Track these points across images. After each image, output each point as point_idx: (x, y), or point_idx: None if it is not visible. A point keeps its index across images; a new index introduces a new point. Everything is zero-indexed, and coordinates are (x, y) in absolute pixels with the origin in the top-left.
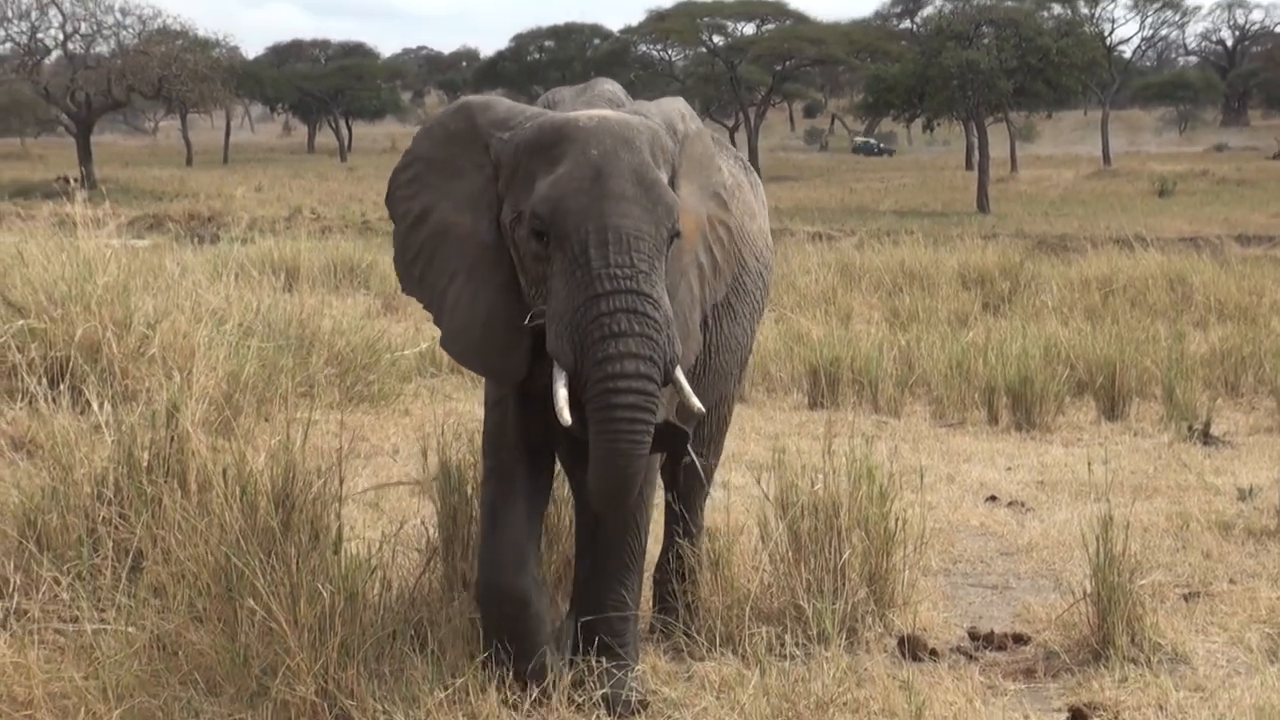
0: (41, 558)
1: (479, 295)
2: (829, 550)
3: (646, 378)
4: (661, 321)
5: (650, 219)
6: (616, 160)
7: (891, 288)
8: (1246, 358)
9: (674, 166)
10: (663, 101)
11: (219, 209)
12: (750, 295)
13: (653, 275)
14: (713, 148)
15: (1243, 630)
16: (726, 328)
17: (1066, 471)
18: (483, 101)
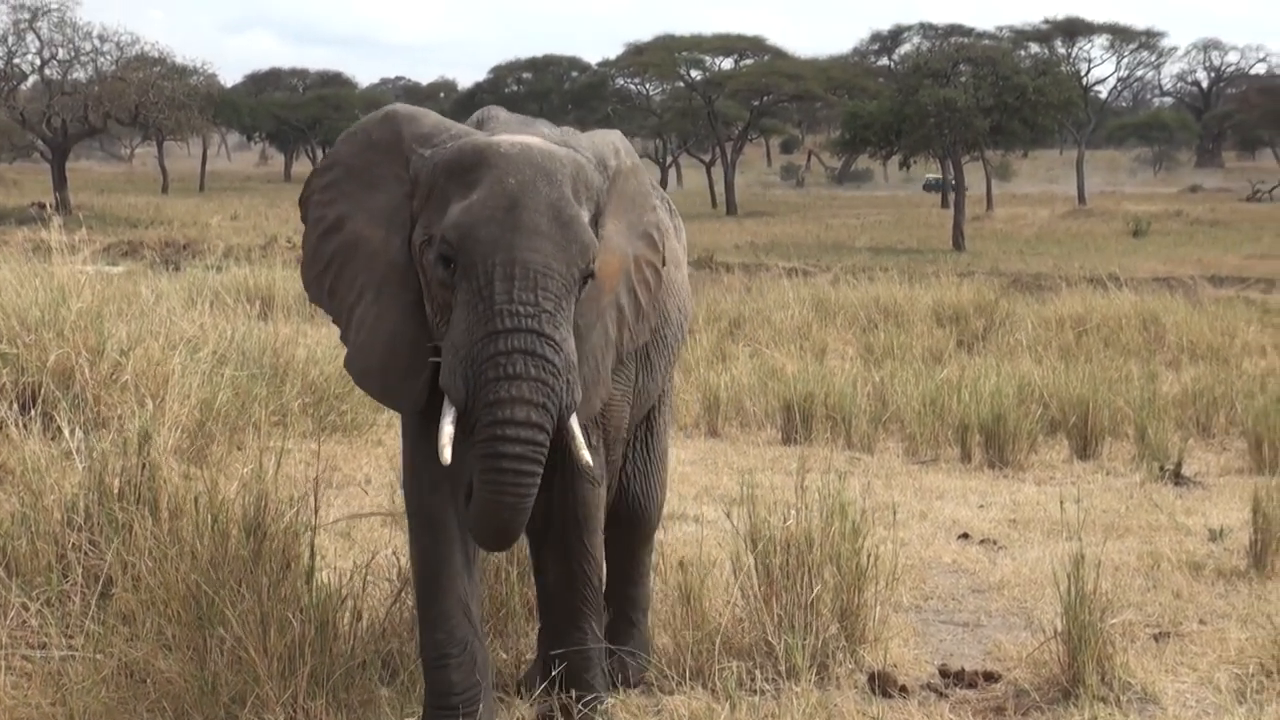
0: (10, 583)
1: (383, 316)
2: (800, 585)
3: (537, 426)
4: (560, 366)
5: (562, 257)
6: (534, 192)
7: (866, 324)
8: (1218, 398)
9: (599, 203)
10: (598, 133)
11: (194, 237)
12: (669, 348)
13: (558, 316)
14: (648, 185)
15: (1212, 671)
16: (642, 381)
17: (1039, 510)
18: (409, 113)
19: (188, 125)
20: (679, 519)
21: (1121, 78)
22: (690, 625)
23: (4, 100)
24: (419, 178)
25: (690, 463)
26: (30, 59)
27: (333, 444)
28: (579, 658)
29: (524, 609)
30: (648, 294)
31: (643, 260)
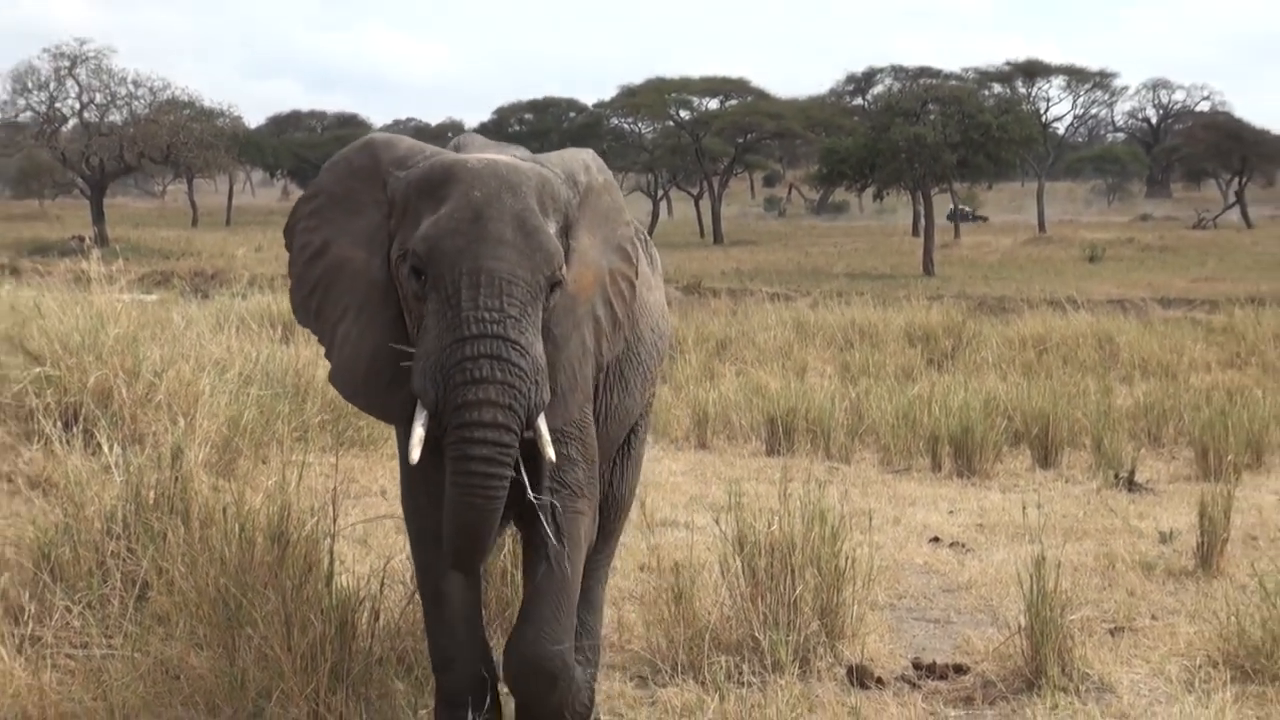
0: (54, 588)
1: (366, 332)
2: (783, 586)
3: (504, 428)
4: (528, 369)
5: (527, 264)
6: (499, 204)
7: (843, 344)
8: (1167, 411)
9: (568, 216)
10: (569, 151)
11: (222, 267)
12: (643, 366)
13: (523, 321)
14: (622, 202)
15: (1163, 662)
16: (618, 397)
17: (1003, 515)
18: (386, 139)
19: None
20: (671, 525)
21: (1077, 115)
22: (682, 623)
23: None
24: (395, 198)
25: (681, 473)
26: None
27: (350, 457)
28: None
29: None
30: (623, 305)
31: (618, 273)
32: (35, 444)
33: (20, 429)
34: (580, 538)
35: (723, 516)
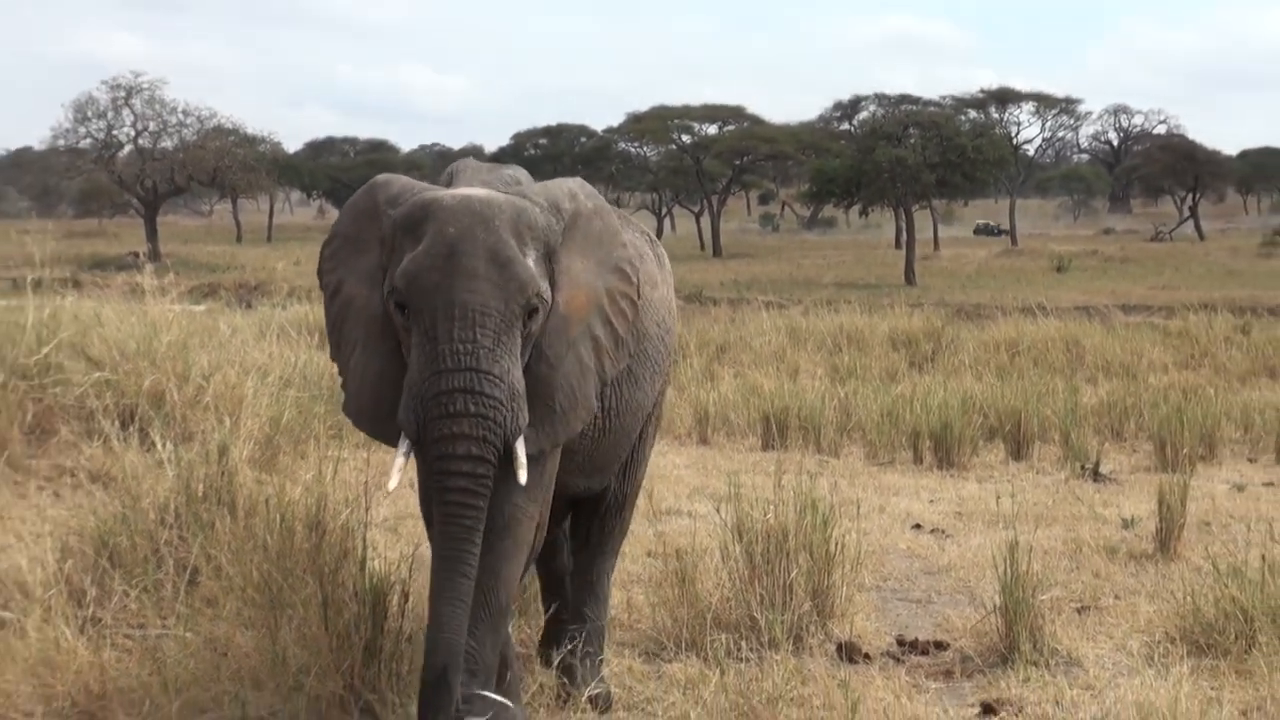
0: (113, 573)
1: (370, 363)
2: (778, 569)
3: (479, 459)
4: (501, 398)
5: (500, 295)
6: (472, 239)
7: (832, 348)
8: (1129, 408)
9: (549, 242)
10: (555, 181)
11: (263, 279)
12: (651, 360)
13: (497, 350)
14: (616, 224)
15: (1126, 638)
16: (627, 392)
17: (980, 504)
18: (385, 180)
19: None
20: (675, 514)
21: (1045, 138)
22: (685, 604)
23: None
24: (385, 236)
25: (684, 466)
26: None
27: (382, 452)
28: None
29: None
30: (625, 323)
31: (616, 292)
32: (95, 442)
33: (82, 428)
34: (527, 535)
35: (723, 506)
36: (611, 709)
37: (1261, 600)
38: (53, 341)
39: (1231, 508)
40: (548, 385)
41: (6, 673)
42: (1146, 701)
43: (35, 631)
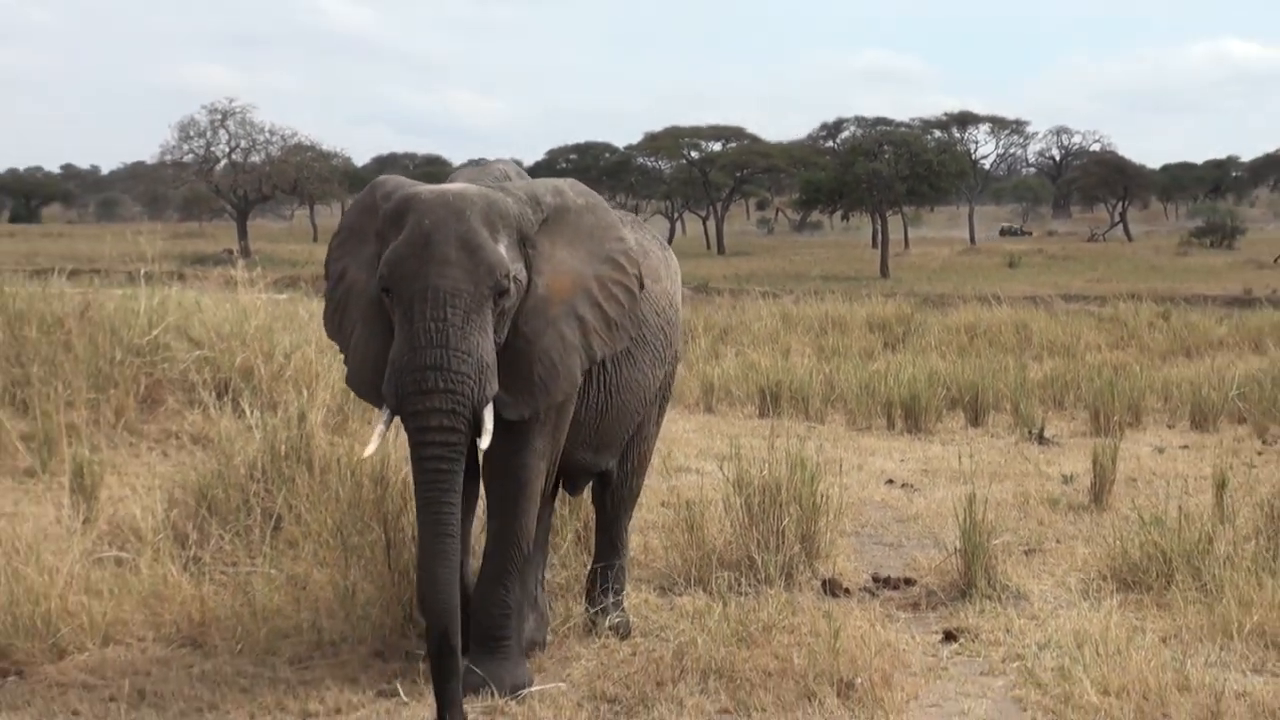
0: (211, 520)
1: (369, 341)
2: (772, 518)
3: (450, 429)
4: (469, 372)
5: (470, 278)
6: (444, 229)
7: (819, 331)
8: (1069, 382)
9: (522, 230)
10: (541, 180)
11: None
12: (650, 345)
13: (467, 328)
14: (612, 221)
15: (1065, 576)
16: (626, 372)
17: (943, 462)
18: (383, 179)
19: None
20: (685, 471)
21: (999, 154)
22: (693, 547)
23: (204, 177)
24: (379, 228)
25: (692, 431)
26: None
27: None
28: (498, 615)
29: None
30: (619, 308)
31: (608, 279)
32: (196, 409)
33: (185, 398)
34: (536, 488)
35: (725, 464)
36: (630, 636)
37: (1178, 545)
38: (161, 325)
39: (1154, 467)
40: (526, 358)
41: (124, 603)
42: (1082, 630)
43: (146, 569)
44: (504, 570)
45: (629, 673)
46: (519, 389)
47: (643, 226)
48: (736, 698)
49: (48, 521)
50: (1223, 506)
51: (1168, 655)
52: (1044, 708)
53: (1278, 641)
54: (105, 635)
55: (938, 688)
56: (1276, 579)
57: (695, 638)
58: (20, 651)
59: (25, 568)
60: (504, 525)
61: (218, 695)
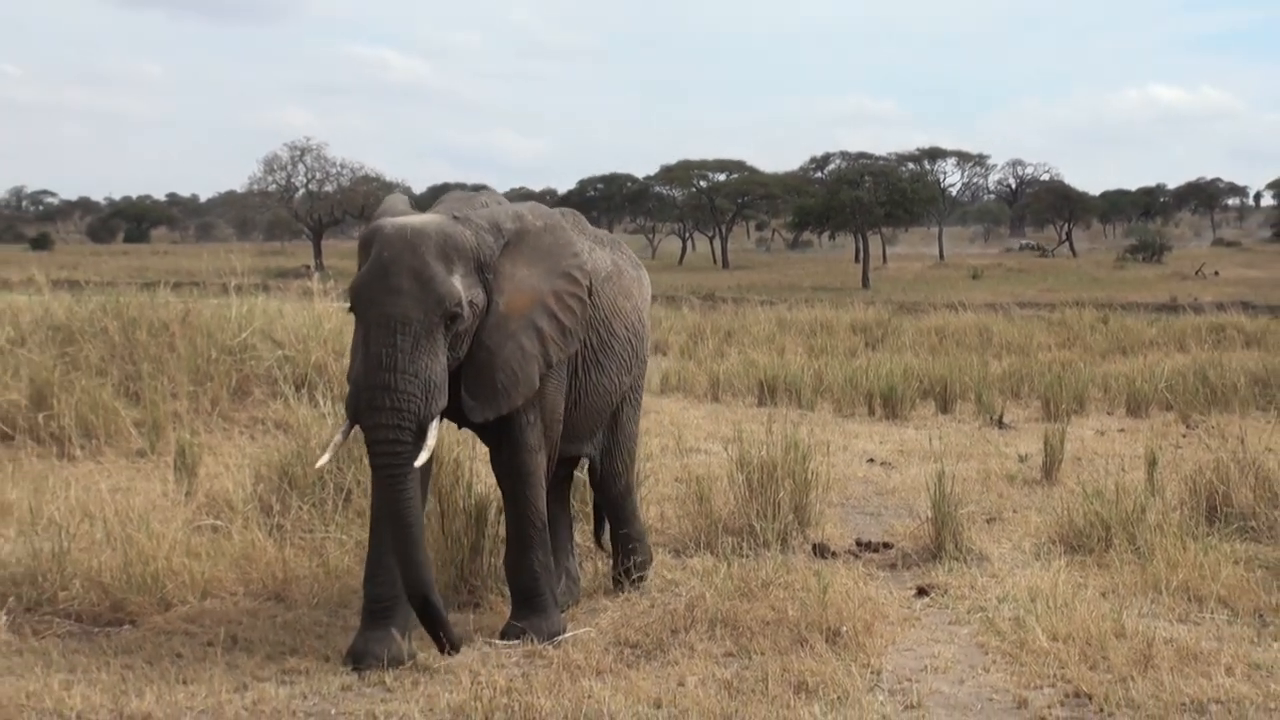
0: (291, 493)
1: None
2: (769, 491)
3: (395, 441)
4: (415, 391)
5: (420, 307)
6: (399, 262)
7: (809, 333)
8: (1024, 376)
9: (479, 258)
10: (507, 205)
11: None
12: (618, 356)
13: (416, 352)
14: (568, 239)
15: (1021, 540)
16: (594, 378)
17: (916, 444)
18: (382, 204)
19: None
20: (695, 451)
21: (964, 183)
22: (702, 516)
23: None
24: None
25: (702, 418)
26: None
27: None
28: (529, 579)
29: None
30: (571, 316)
31: (563, 292)
32: (278, 400)
33: (269, 390)
34: (536, 475)
35: (729, 446)
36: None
37: (1116, 514)
38: (249, 329)
39: (1095, 447)
40: (489, 368)
41: (219, 564)
42: (1034, 586)
43: (238, 535)
44: (525, 543)
45: (648, 622)
46: (484, 395)
47: (620, 247)
48: (739, 643)
49: (155, 495)
50: (1153, 481)
51: (1107, 607)
52: (1002, 651)
53: (1200, 596)
54: (203, 591)
55: (912, 635)
56: (1199, 543)
57: (704, 592)
58: (133, 604)
59: (137, 534)
60: (516, 510)
61: (297, 640)
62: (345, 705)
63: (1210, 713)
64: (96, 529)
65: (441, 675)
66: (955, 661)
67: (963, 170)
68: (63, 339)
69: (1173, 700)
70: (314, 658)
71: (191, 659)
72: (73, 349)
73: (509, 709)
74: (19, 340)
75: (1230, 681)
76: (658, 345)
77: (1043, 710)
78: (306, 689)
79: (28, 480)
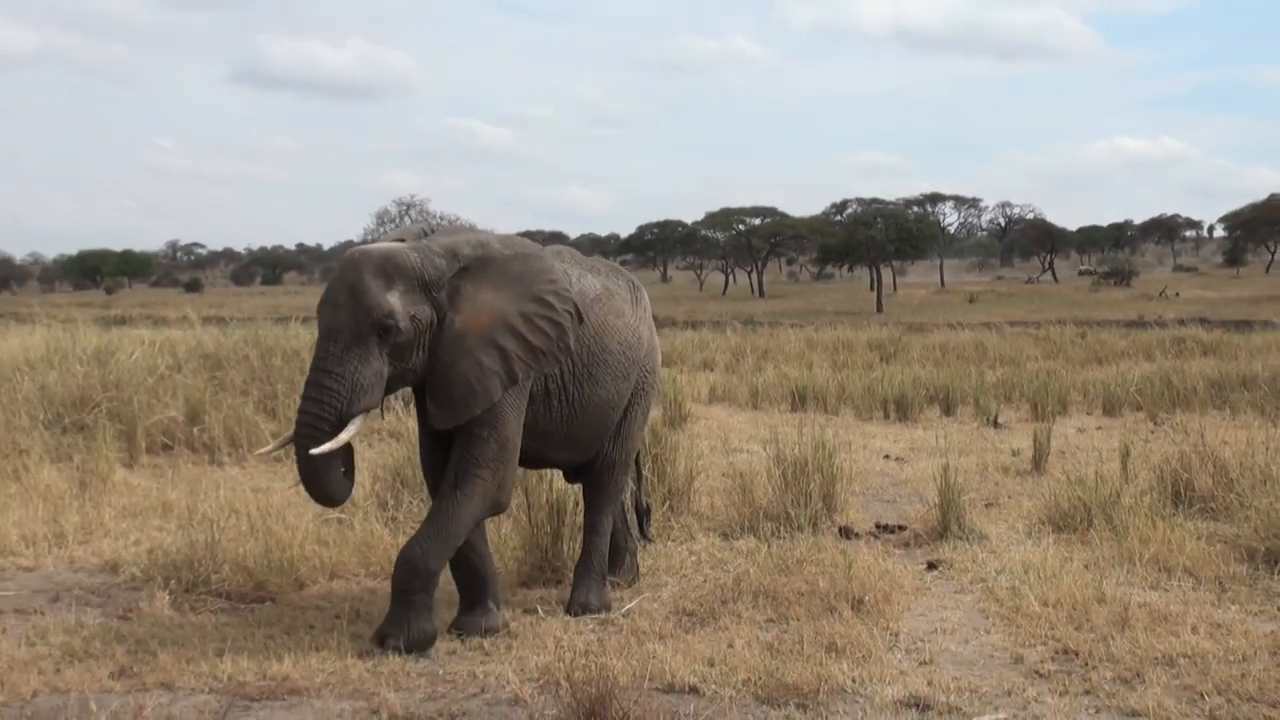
0: (403, 490)
1: None
2: (802, 483)
3: (313, 427)
4: (338, 389)
5: (350, 318)
6: (342, 280)
7: (833, 350)
8: (1015, 383)
9: (425, 278)
10: (475, 235)
11: None
12: (613, 370)
13: (344, 357)
14: (539, 269)
15: (1015, 522)
16: (589, 391)
17: (925, 442)
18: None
19: None
20: (738, 450)
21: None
22: (746, 504)
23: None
24: None
25: (744, 422)
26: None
27: None
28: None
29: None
30: (544, 338)
31: (533, 314)
32: (390, 413)
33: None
34: (474, 493)
35: (767, 446)
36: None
37: (1095, 498)
38: None
39: (1077, 443)
40: (447, 380)
41: (343, 550)
42: (1027, 559)
43: (359, 526)
44: (426, 540)
45: (702, 594)
46: (443, 405)
47: (616, 274)
48: (779, 611)
49: (290, 494)
50: (1127, 470)
51: (1089, 577)
52: (1001, 615)
53: (1168, 566)
54: (331, 573)
55: (923, 602)
56: (1166, 522)
57: (748, 569)
58: (273, 584)
59: (275, 526)
60: (439, 509)
61: None
62: (450, 667)
63: (1179, 665)
64: (242, 522)
65: (530, 640)
66: (961, 624)
67: (959, 211)
68: (212, 365)
69: (1147, 655)
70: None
71: (322, 630)
72: (220, 374)
73: (586, 668)
74: (176, 367)
75: (1195, 639)
76: (706, 362)
77: (1036, 665)
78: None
79: (185, 483)
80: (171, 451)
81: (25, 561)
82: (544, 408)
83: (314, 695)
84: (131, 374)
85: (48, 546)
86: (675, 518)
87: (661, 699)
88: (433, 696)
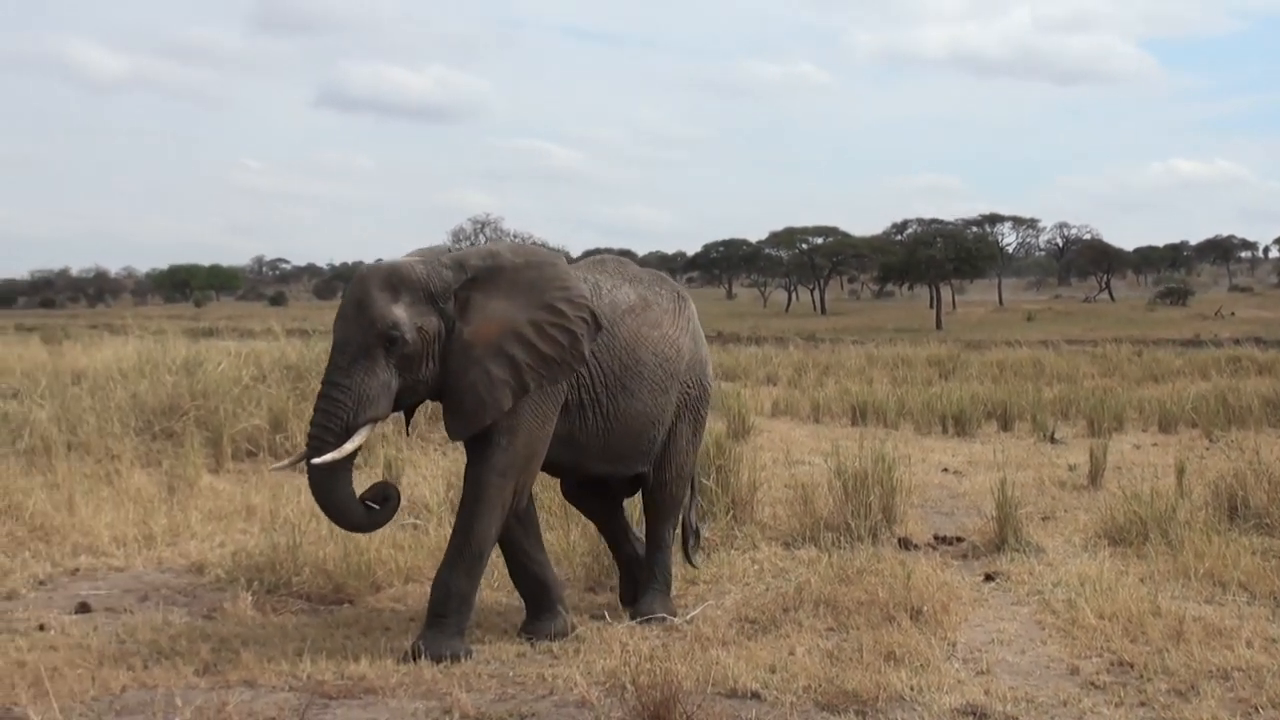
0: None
1: None
2: (862, 495)
3: (319, 437)
4: (344, 400)
5: (357, 331)
6: (352, 294)
7: (893, 366)
8: (1072, 400)
9: (431, 289)
10: (484, 245)
11: None
12: (648, 381)
13: (351, 368)
14: (552, 276)
15: (1071, 535)
16: (623, 402)
17: (983, 456)
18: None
19: None
20: (800, 463)
21: (1019, 242)
22: (807, 515)
23: None
24: None
25: (805, 436)
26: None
27: None
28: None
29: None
30: (556, 346)
31: (544, 323)
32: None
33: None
34: (493, 505)
35: (828, 458)
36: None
37: (1151, 513)
38: None
39: (1133, 459)
40: (457, 390)
41: (418, 554)
42: (1083, 572)
43: (433, 531)
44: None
45: (764, 602)
46: (455, 415)
47: (660, 283)
48: (839, 620)
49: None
50: (1182, 486)
51: (1144, 591)
52: (1057, 627)
53: (1223, 581)
54: (406, 576)
55: (981, 613)
56: (1221, 537)
57: (809, 578)
58: (351, 587)
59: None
60: (461, 526)
61: (481, 616)
62: (520, 669)
63: (1234, 679)
64: (322, 527)
65: (597, 645)
66: (1018, 635)
67: (1017, 232)
68: (294, 376)
69: (1201, 668)
70: (494, 630)
71: (397, 631)
72: (302, 384)
73: (651, 672)
74: (261, 378)
75: (1250, 653)
76: (769, 377)
77: (1091, 676)
78: (489, 655)
79: (268, 488)
80: (255, 458)
81: (116, 562)
82: (579, 419)
83: (389, 695)
84: (218, 384)
85: (137, 548)
86: (739, 527)
87: (724, 704)
88: (503, 698)
